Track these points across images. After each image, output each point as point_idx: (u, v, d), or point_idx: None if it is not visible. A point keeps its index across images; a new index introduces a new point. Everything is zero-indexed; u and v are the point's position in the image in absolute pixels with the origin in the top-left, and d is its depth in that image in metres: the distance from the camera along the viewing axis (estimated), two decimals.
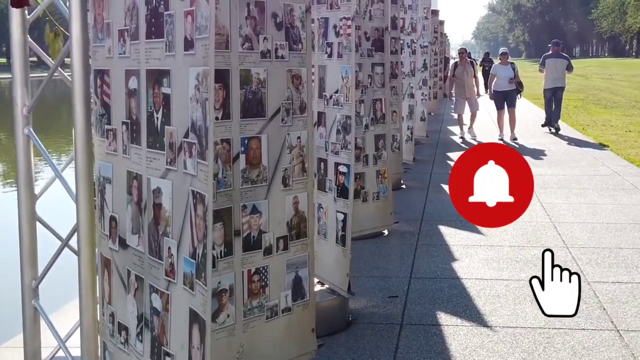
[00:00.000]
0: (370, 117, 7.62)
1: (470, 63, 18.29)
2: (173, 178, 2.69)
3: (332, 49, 5.59)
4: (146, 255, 2.92)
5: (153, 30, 2.82)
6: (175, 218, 2.66)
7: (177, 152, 2.64)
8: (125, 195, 3.07)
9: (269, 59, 3.77)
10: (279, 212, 3.91)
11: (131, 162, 3.02)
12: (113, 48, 3.12)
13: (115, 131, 3.13)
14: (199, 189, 2.46)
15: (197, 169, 2.49)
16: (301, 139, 3.98)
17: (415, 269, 7.53)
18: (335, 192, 5.64)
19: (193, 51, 2.53)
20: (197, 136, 2.46)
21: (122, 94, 3.05)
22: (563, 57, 18.83)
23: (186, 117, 2.54)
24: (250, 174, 3.73)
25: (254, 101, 3.72)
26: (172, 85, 2.68)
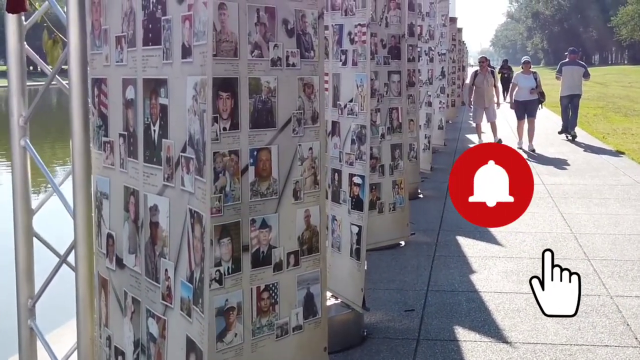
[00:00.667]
0: (386, 127, 7.45)
1: (491, 72, 18.03)
2: (170, 195, 2.54)
3: (347, 57, 5.43)
4: (143, 277, 2.77)
5: (150, 37, 2.67)
6: (173, 238, 2.50)
7: (175, 168, 2.49)
8: (123, 212, 2.92)
9: (279, 67, 3.62)
10: (290, 226, 3.75)
11: (128, 177, 2.87)
12: (110, 56, 2.97)
13: (113, 144, 2.98)
14: (196, 207, 2.30)
15: (194, 186, 2.33)
16: (313, 150, 3.82)
17: (433, 281, 7.36)
18: (350, 204, 5.48)
19: (191, 59, 2.38)
20: (195, 150, 2.31)
21: (120, 105, 2.90)
22: (580, 64, 19.00)
23: (184, 129, 2.39)
24: (260, 186, 3.57)
25: (264, 111, 3.56)
26: (169, 95, 2.53)
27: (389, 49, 7.32)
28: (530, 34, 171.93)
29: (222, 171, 3.36)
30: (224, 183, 3.36)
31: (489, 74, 17.69)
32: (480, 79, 17.52)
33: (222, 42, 3.31)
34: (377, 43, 7.14)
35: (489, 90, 17.46)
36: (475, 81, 17.66)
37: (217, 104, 3.32)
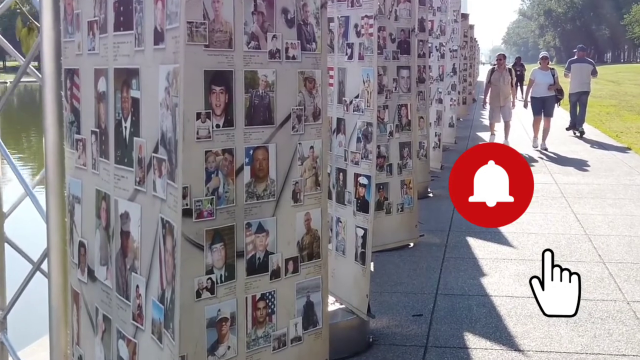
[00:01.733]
0: (394, 124, 7.19)
1: (508, 70, 17.59)
2: (142, 201, 2.29)
3: (353, 50, 5.16)
4: (114, 293, 2.53)
5: (122, 21, 2.42)
6: (144, 250, 2.25)
7: (147, 170, 2.23)
8: (95, 218, 2.68)
9: (278, 60, 3.37)
10: (289, 230, 3.50)
11: (100, 180, 2.62)
12: (82, 43, 2.72)
13: (85, 142, 2.74)
14: (168, 216, 2.05)
15: (166, 191, 2.08)
16: (314, 148, 3.58)
17: (442, 284, 7.10)
18: (355, 206, 5.21)
19: (163, 45, 2.12)
20: (167, 151, 2.05)
21: (92, 98, 2.65)
22: (588, 62, 19.16)
23: (156, 126, 2.13)
24: (256, 188, 3.33)
25: (261, 107, 3.32)
26: (141, 87, 2.28)
27: (398, 44, 7.06)
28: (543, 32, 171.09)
29: (215, 171, 3.13)
30: (217, 184, 3.13)
31: (505, 72, 17.26)
32: (496, 77, 17.09)
33: (215, 32, 3.07)
34: (386, 37, 6.88)
35: (505, 88, 17.01)
36: (492, 78, 17.23)
37: (209, 98, 3.08)
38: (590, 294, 6.72)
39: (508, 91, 17.08)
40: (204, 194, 3.11)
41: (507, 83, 17.02)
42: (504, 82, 16.95)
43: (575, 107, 19.18)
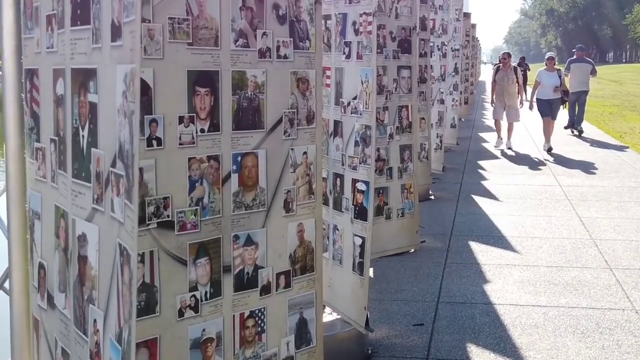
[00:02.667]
0: (395, 126, 6.93)
1: (513, 69, 17.17)
2: (100, 222, 2.05)
3: (351, 49, 4.90)
4: (72, 325, 2.28)
5: (79, 14, 2.17)
6: (102, 279, 2.01)
7: (105, 187, 1.99)
8: (54, 237, 2.43)
9: (268, 59, 3.14)
10: (280, 242, 3.26)
11: (59, 195, 2.38)
12: (41, 40, 2.48)
13: (44, 151, 2.50)
14: (125, 243, 1.81)
15: (124, 213, 1.84)
16: (308, 154, 3.34)
17: (444, 291, 6.86)
18: (353, 213, 4.95)
19: (120, 41, 1.88)
20: (125, 166, 1.81)
21: (51, 102, 2.41)
22: (587, 61, 19.28)
23: (114, 136, 1.89)
24: (244, 197, 3.09)
25: (250, 110, 3.09)
26: (99, 90, 2.04)
27: (399, 42, 6.81)
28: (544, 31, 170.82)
29: (199, 180, 2.89)
30: (202, 194, 2.89)
31: (510, 71, 16.90)
32: (500, 75, 16.76)
33: (199, 28, 2.84)
34: (386, 35, 6.63)
35: (509, 87, 16.67)
36: (496, 77, 16.94)
37: (193, 101, 2.85)
38: (597, 302, 6.48)
39: (513, 90, 16.71)
40: (187, 205, 2.88)
41: (511, 82, 16.66)
42: (509, 82, 16.61)
43: (574, 106, 19.11)
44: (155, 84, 2.72)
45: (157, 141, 2.76)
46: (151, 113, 2.73)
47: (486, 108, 30.13)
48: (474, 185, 12.37)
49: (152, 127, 2.74)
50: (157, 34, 2.72)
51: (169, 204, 2.80)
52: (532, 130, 20.00)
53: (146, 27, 2.68)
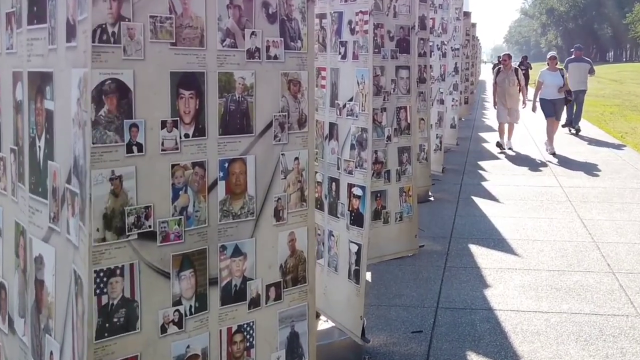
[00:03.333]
0: (393, 128, 6.76)
1: (514, 70, 16.88)
2: (56, 244, 1.88)
3: (347, 49, 4.73)
4: (29, 355, 2.12)
5: (35, 11, 2.00)
6: (59, 308, 1.85)
7: (61, 204, 1.82)
8: (14, 256, 2.27)
9: (258, 60, 2.98)
10: (270, 253, 3.10)
11: (19, 210, 2.21)
12: (1, 40, 2.32)
13: (5, 161, 2.33)
14: (80, 270, 1.65)
15: (78, 236, 1.67)
16: (299, 160, 3.18)
17: (443, 296, 6.71)
18: (349, 219, 4.77)
19: (75, 42, 1.72)
20: (79, 183, 1.65)
21: (10, 108, 2.24)
22: (586, 61, 19.52)
23: (70, 149, 1.73)
24: (232, 206, 2.93)
25: (238, 113, 2.93)
26: (55, 96, 1.87)
27: (397, 42, 6.64)
28: (545, 31, 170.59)
29: (184, 187, 2.73)
30: (186, 202, 2.73)
31: (511, 72, 16.63)
32: (501, 77, 16.51)
33: (183, 27, 2.68)
34: (384, 35, 6.47)
35: (511, 89, 16.39)
36: (497, 79, 16.69)
37: (177, 104, 2.69)
38: (600, 308, 6.33)
39: (514, 92, 16.39)
40: (170, 214, 2.72)
41: (512, 84, 16.35)
42: (510, 83, 16.31)
43: (572, 105, 19.04)
44: (135, 87, 2.56)
45: (137, 147, 2.60)
46: (131, 117, 2.58)
47: (487, 108, 30.00)
48: (474, 186, 12.23)
49: (132, 132, 2.58)
50: (138, 34, 2.56)
51: (151, 214, 2.65)
52: (533, 130, 19.85)
53: (126, 26, 2.52)
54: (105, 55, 2.47)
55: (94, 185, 2.39)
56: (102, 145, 2.47)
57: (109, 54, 2.49)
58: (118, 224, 2.54)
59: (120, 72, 2.52)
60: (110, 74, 2.49)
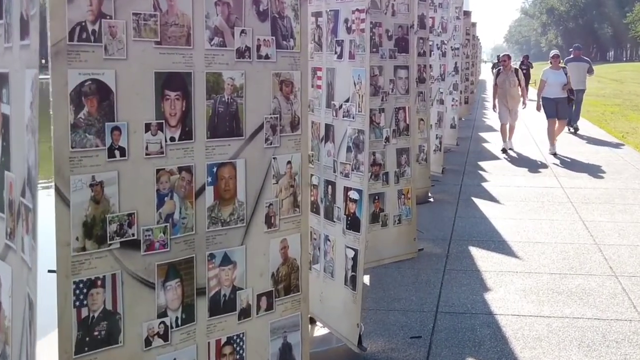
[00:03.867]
0: (391, 129, 6.62)
1: (514, 71, 16.62)
2: (13, 263, 1.75)
3: (343, 48, 4.59)
4: None
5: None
6: (15, 332, 1.72)
7: (17, 219, 1.70)
8: None
9: (248, 59, 2.85)
10: (261, 261, 2.98)
11: None
12: None
13: None
14: (33, 293, 1.52)
15: (31, 256, 1.55)
16: (292, 164, 3.06)
17: (443, 300, 6.57)
18: (345, 224, 4.62)
19: (28, 40, 1.59)
20: (32, 197, 1.52)
21: None
22: (584, 60, 19.65)
23: (24, 158, 1.60)
24: (221, 212, 2.80)
25: (227, 115, 2.80)
26: (11, 99, 1.75)
27: (396, 41, 6.50)
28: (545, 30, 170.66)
29: (169, 193, 2.60)
30: (172, 209, 2.60)
31: (511, 73, 16.38)
32: (502, 78, 16.28)
33: (169, 25, 2.55)
34: (382, 34, 6.33)
35: (512, 90, 16.16)
36: (497, 80, 16.43)
37: (162, 106, 2.56)
38: (603, 313, 6.20)
39: (515, 93, 16.24)
40: (155, 221, 2.60)
41: (513, 85, 16.09)
42: (510, 84, 16.12)
43: (571, 105, 18.80)
44: (117, 88, 2.44)
45: (120, 151, 2.48)
46: (113, 120, 2.46)
47: (487, 107, 29.87)
48: (474, 187, 12.10)
49: (114, 135, 2.46)
50: (120, 32, 2.44)
51: (134, 221, 2.53)
52: (534, 130, 19.72)
53: (107, 23, 2.40)
54: (85, 55, 2.35)
55: (73, 191, 2.27)
56: (82, 149, 2.35)
57: (89, 54, 2.37)
58: (99, 232, 2.42)
59: (101, 72, 2.40)
60: (91, 74, 2.38)
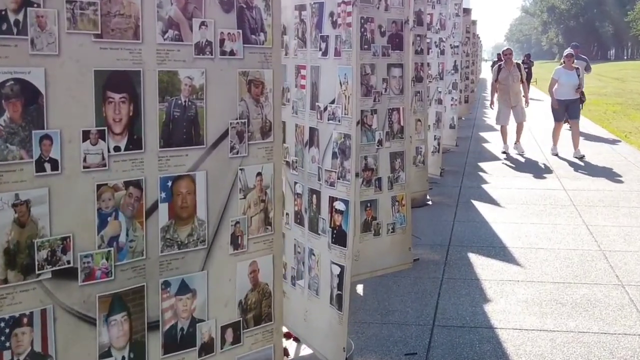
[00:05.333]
0: (384, 131, 6.21)
1: (517, 66, 15.93)
2: None
3: (328, 44, 4.17)
4: None
5: None
6: None
7: None
8: None
9: (209, 56, 2.47)
10: (226, 288, 2.60)
11: None
12: None
13: None
14: None
15: None
16: (263, 176, 2.67)
17: (440, 312, 6.20)
18: (330, 237, 4.20)
19: None
20: None
21: None
22: (582, 59, 19.19)
23: None
24: (177, 233, 2.42)
25: (184, 121, 2.42)
26: None
27: (389, 37, 6.10)
28: (546, 29, 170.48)
29: (113, 213, 2.22)
30: (117, 231, 2.22)
31: (514, 69, 15.70)
32: (504, 75, 15.61)
33: (112, 15, 2.17)
34: (374, 30, 5.93)
35: (515, 86, 15.58)
36: (499, 77, 15.74)
37: (104, 110, 2.18)
38: (610, 327, 5.83)
39: (518, 89, 15.67)
40: (96, 246, 2.22)
41: (516, 80, 15.58)
42: (514, 80, 15.55)
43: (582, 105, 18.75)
44: (47, 89, 2.07)
45: (51, 164, 2.11)
46: (42, 127, 2.08)
47: (487, 107, 29.53)
48: (474, 190, 11.74)
49: (43, 145, 2.09)
50: (51, 23, 2.06)
51: (70, 246, 2.14)
52: (535, 131, 19.37)
53: (34, 12, 2.01)
54: (6, 50, 1.98)
55: None
56: (2, 162, 1.98)
57: (11, 48, 2.00)
58: (25, 260, 2.05)
59: (27, 71, 2.03)
60: (13, 73, 2.01)
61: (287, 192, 4.43)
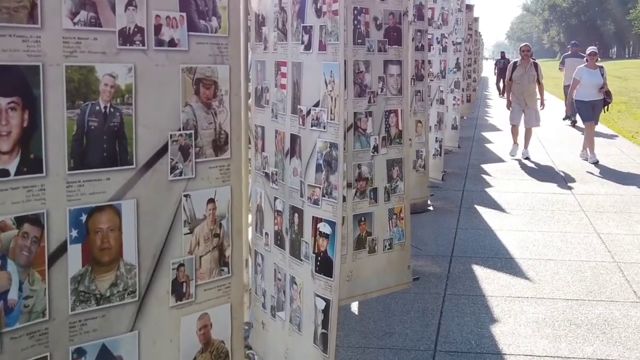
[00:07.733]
0: (380, 136, 5.58)
1: (533, 65, 14.88)
2: None
3: (312, 37, 3.52)
4: None
5: None
6: None
7: None
8: None
9: (140, 47, 1.86)
10: (165, 351, 1.98)
11: None
12: None
13: None
14: None
15: None
16: (217, 202, 2.06)
17: (442, 335, 5.66)
18: (314, 265, 3.53)
19: None
20: None
21: None
22: (581, 56, 19.47)
23: None
24: (95, 283, 1.82)
25: (104, 134, 1.81)
26: None
27: (386, 31, 5.48)
28: (547, 27, 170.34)
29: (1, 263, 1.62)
30: (4, 285, 1.61)
31: (530, 67, 14.72)
32: (519, 73, 14.67)
33: None
34: (369, 22, 5.34)
35: (530, 87, 14.67)
36: (513, 75, 14.80)
37: None
38: (631, 352, 5.32)
39: (533, 90, 14.78)
40: None
41: (532, 81, 14.65)
42: (529, 80, 14.63)
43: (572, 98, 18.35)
44: None
45: None
46: None
47: (489, 105, 29.11)
48: (477, 194, 11.21)
49: None
50: None
51: None
52: (539, 131, 18.81)
53: None
54: None
55: None
56: None
57: None
58: None
59: None
60: None
61: (267, 208, 3.82)
